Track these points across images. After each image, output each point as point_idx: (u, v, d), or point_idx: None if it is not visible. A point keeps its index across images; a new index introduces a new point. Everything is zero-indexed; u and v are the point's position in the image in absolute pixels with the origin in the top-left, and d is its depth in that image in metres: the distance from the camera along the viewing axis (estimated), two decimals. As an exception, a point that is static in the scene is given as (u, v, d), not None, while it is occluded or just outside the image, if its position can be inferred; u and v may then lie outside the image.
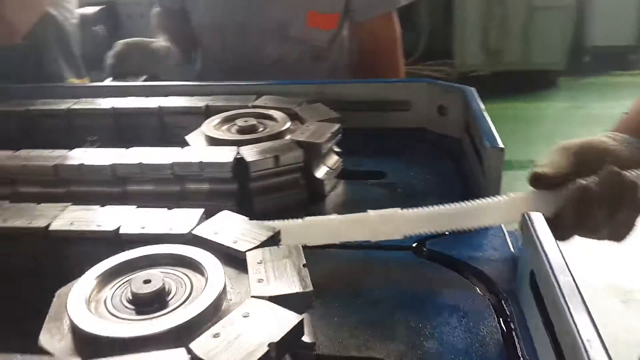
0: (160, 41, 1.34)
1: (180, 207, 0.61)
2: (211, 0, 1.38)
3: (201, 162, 0.76)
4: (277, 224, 0.62)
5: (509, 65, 4.55)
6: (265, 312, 0.45)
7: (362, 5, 1.37)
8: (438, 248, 0.71)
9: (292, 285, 0.48)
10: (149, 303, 0.47)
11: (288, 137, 0.84)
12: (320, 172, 0.85)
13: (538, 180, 0.66)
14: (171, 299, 0.48)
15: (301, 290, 0.48)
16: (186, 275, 0.51)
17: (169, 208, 0.61)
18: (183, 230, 0.57)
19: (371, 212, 0.66)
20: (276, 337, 0.42)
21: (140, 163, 0.76)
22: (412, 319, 0.59)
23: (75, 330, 0.45)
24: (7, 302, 0.58)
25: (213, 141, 0.85)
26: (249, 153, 0.78)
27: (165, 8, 1.52)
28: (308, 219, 0.66)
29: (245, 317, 0.44)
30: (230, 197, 0.77)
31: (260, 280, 0.49)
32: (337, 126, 0.87)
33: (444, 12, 4.63)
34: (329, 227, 0.67)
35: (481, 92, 0.94)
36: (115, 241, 0.57)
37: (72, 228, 0.59)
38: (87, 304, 0.47)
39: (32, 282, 0.59)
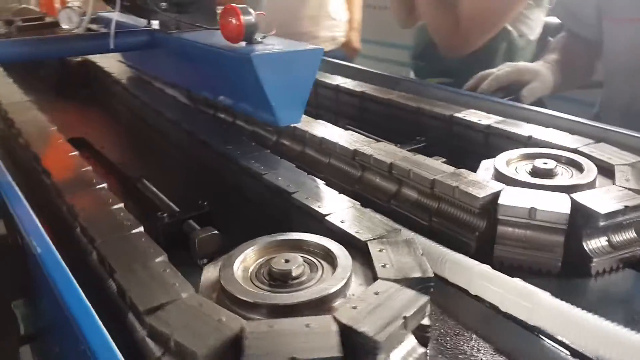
0: (542, 63, 1.35)
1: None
2: (633, 43, 1.30)
3: (457, 188, 0.75)
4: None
5: None
6: (395, 291, 0.53)
7: None
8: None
9: (413, 270, 0.56)
10: (286, 279, 0.56)
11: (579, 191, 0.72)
12: (592, 244, 0.70)
13: None
14: (305, 278, 0.57)
15: (422, 275, 0.55)
16: (319, 260, 0.60)
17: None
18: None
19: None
20: (409, 312, 0.49)
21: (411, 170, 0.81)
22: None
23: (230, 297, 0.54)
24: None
25: (498, 175, 0.80)
26: (508, 195, 0.71)
27: (573, 33, 1.49)
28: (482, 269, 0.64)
29: (376, 294, 0.52)
30: (472, 230, 0.74)
31: (384, 266, 0.57)
32: None
33: None
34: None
35: None
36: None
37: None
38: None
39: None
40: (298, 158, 1.01)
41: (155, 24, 1.15)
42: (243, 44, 0.91)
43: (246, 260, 0.60)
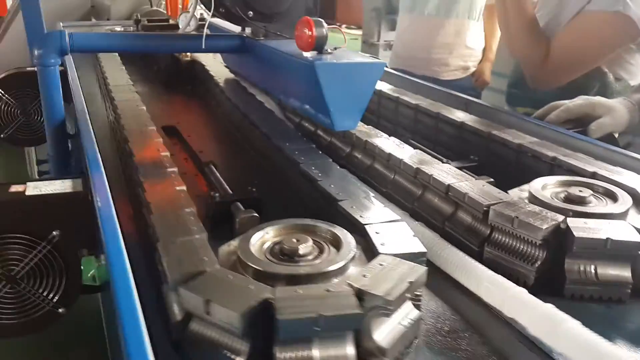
0: (622, 100, 1.34)
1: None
2: None
3: (516, 218, 0.75)
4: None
5: None
6: (397, 263, 0.61)
7: None
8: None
9: (409, 247, 0.66)
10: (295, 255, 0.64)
11: (623, 221, 0.75)
12: None
13: None
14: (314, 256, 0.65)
15: (417, 250, 0.65)
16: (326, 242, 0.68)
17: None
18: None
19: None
20: (412, 278, 0.58)
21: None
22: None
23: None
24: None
25: (534, 200, 0.82)
26: (578, 225, 0.73)
27: None
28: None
29: (381, 265, 0.61)
30: (533, 262, 0.74)
31: (382, 244, 0.66)
32: None
33: None
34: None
35: None
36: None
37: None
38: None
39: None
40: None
41: (249, 31, 1.29)
42: (315, 53, 1.01)
43: (264, 237, 0.69)
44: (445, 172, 0.91)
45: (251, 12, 1.10)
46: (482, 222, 0.81)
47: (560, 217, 0.75)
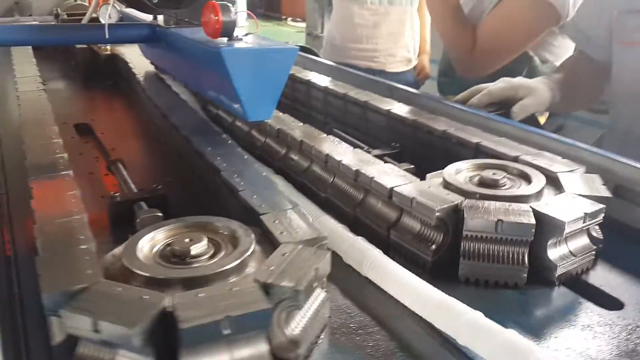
0: (542, 80, 1.34)
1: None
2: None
3: (414, 199, 0.73)
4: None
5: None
6: (300, 251, 0.57)
7: None
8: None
9: (309, 233, 0.62)
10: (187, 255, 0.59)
11: (529, 204, 0.71)
12: (555, 254, 0.70)
13: None
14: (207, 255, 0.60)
15: (317, 235, 0.61)
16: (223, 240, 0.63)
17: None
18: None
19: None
20: (318, 265, 0.55)
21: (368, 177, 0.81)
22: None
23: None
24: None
25: (446, 184, 0.79)
26: (471, 208, 0.70)
27: (583, 54, 1.43)
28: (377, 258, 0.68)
29: (283, 255, 0.56)
30: (429, 244, 0.72)
31: (282, 233, 0.62)
32: (599, 207, 0.71)
33: None
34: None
35: None
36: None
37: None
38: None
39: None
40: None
41: (161, 20, 1.21)
42: (225, 40, 0.95)
43: (153, 240, 0.63)
44: (359, 160, 0.87)
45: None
46: (388, 205, 0.79)
47: (459, 199, 0.72)
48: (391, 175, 0.81)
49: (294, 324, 0.54)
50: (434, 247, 0.71)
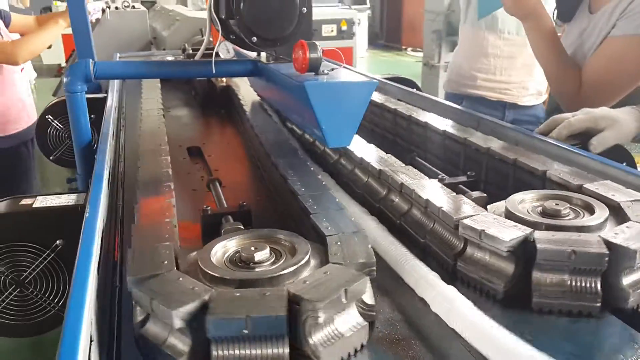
0: (629, 109, 1.31)
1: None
2: None
3: (482, 231, 0.75)
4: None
5: None
6: (340, 272, 0.65)
7: None
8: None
9: (359, 256, 0.69)
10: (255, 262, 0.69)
11: (597, 233, 0.73)
12: (628, 280, 0.71)
13: None
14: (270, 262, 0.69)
15: (366, 260, 0.68)
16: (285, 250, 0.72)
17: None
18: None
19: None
20: (349, 287, 0.61)
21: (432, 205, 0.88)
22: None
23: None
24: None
25: (509, 214, 0.82)
26: (542, 239, 0.72)
27: None
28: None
29: (325, 273, 0.64)
30: (501, 276, 0.75)
31: (335, 254, 0.69)
32: None
33: None
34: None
35: None
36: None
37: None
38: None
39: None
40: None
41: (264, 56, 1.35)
42: (312, 74, 1.05)
43: (225, 247, 0.73)
44: (429, 188, 0.93)
45: (255, 38, 1.16)
46: (455, 235, 0.82)
47: (528, 230, 0.74)
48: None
49: (319, 336, 0.60)
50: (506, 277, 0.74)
